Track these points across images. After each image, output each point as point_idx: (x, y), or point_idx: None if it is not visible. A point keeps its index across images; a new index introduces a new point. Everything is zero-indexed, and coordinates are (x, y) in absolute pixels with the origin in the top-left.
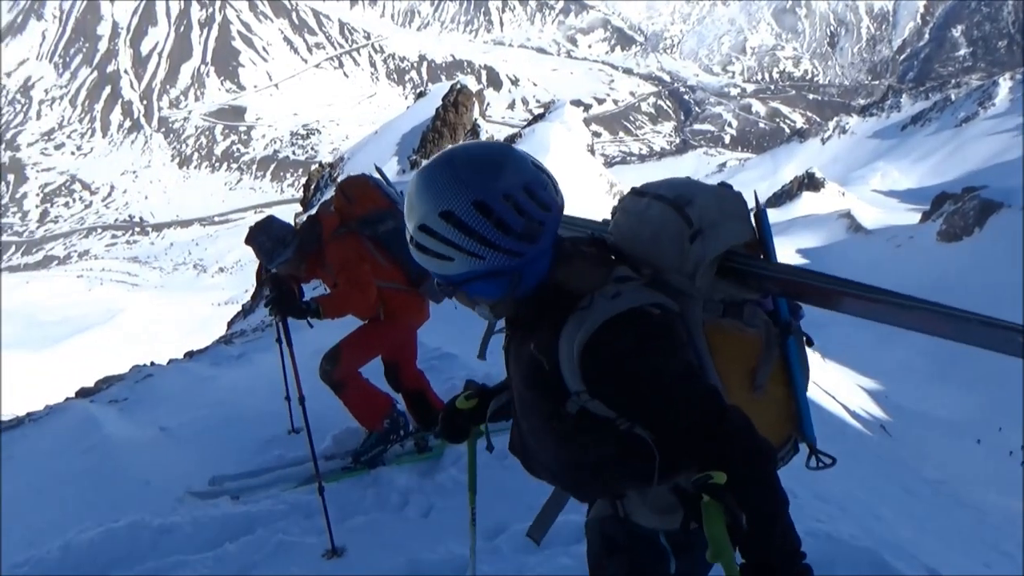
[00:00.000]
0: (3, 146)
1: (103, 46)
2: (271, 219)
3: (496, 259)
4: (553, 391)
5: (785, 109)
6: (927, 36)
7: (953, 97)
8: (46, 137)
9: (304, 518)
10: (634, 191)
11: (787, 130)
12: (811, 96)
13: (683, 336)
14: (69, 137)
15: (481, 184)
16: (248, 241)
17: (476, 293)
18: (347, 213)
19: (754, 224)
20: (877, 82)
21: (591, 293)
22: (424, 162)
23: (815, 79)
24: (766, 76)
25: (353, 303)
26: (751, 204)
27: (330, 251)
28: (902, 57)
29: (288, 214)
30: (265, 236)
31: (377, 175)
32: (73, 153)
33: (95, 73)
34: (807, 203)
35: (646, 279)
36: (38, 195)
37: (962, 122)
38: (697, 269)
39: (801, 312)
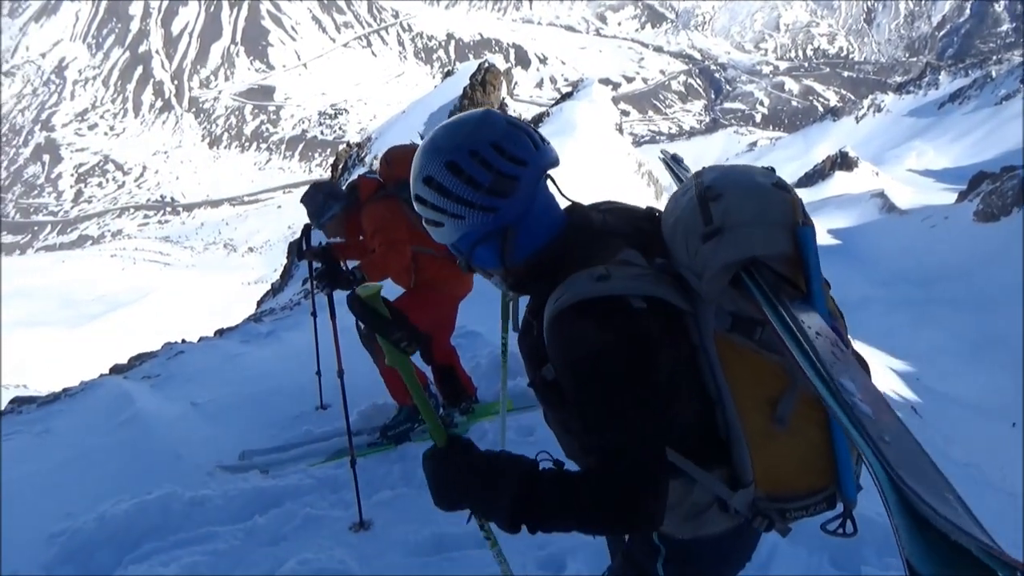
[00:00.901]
0: (38, 127)
1: (135, 26)
2: (319, 186)
3: (474, 217)
4: (537, 355)
5: (819, 87)
6: (968, 11)
7: (994, 74)
8: (80, 118)
9: (331, 492)
10: (695, 173)
11: (820, 108)
12: (846, 74)
13: (667, 340)
14: (102, 118)
15: (452, 145)
16: (303, 198)
17: (478, 262)
18: (387, 177)
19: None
20: (915, 59)
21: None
22: None
23: (850, 56)
24: (800, 53)
25: (391, 264)
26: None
27: (366, 214)
28: (941, 33)
29: None
30: (318, 191)
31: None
32: (106, 134)
33: (127, 53)
34: (840, 183)
35: (655, 268)
36: (72, 175)
37: (1003, 100)
38: (705, 272)
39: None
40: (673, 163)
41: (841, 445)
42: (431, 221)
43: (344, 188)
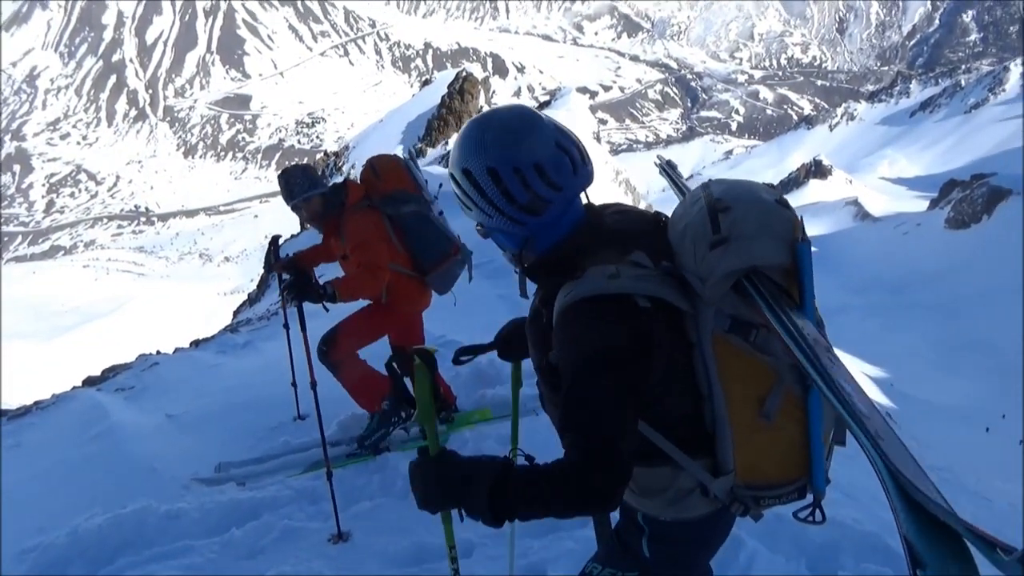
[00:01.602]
0: (9, 136)
1: (108, 35)
2: (297, 168)
3: (501, 222)
4: (544, 341)
5: (793, 96)
6: (937, 21)
7: (963, 83)
8: (51, 127)
9: (310, 504)
10: (702, 184)
11: (795, 117)
12: (819, 82)
13: (666, 338)
14: (75, 127)
15: (498, 153)
16: (282, 174)
17: (496, 241)
18: (373, 188)
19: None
20: (886, 68)
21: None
22: (430, 150)
23: (823, 65)
24: (774, 62)
25: (366, 288)
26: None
27: (351, 221)
28: (912, 43)
29: None
30: (299, 171)
31: (407, 157)
32: (79, 143)
33: (100, 63)
34: (814, 191)
35: (661, 270)
36: (44, 185)
37: (972, 108)
38: (709, 277)
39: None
40: (668, 169)
41: (816, 441)
42: (459, 197)
43: (333, 184)
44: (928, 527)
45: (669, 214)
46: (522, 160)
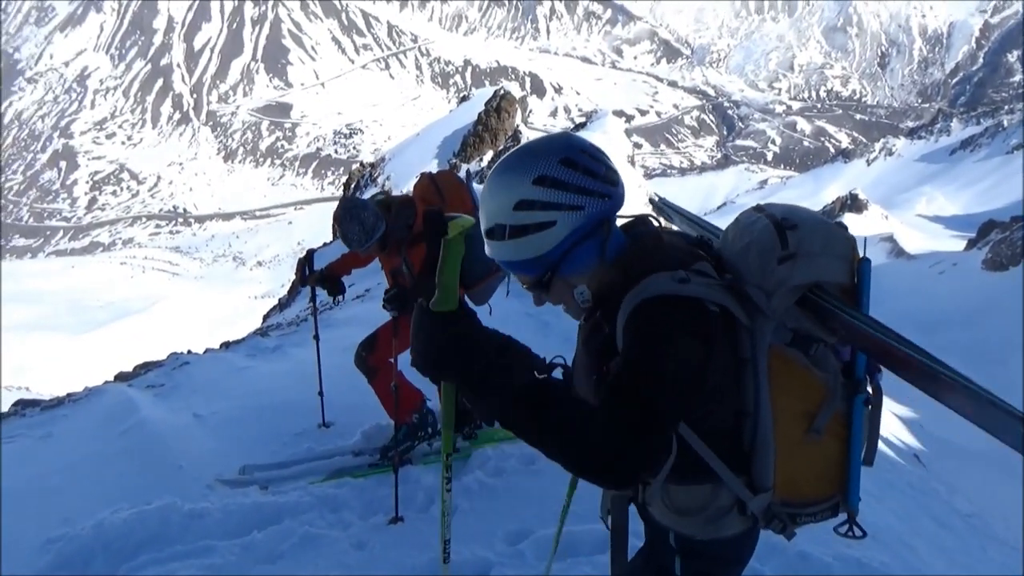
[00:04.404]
0: (57, 133)
1: (158, 40)
2: (363, 206)
3: (593, 204)
4: (604, 351)
5: (831, 128)
6: (981, 60)
7: (1006, 123)
8: (98, 126)
9: (330, 512)
10: (753, 207)
11: (832, 150)
12: (858, 116)
13: (725, 348)
14: (120, 127)
15: (559, 147)
16: (346, 220)
17: (573, 268)
18: (434, 203)
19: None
20: (927, 105)
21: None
22: (464, 166)
23: (863, 99)
24: (813, 94)
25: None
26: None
27: (417, 248)
28: (954, 81)
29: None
30: (358, 225)
31: (465, 175)
32: (123, 143)
33: (148, 66)
34: (849, 224)
35: (725, 282)
36: (87, 182)
37: (1014, 149)
38: (777, 290)
39: (880, 374)
40: (663, 204)
41: (856, 457)
42: (536, 226)
43: (396, 202)
44: None
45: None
46: (580, 143)
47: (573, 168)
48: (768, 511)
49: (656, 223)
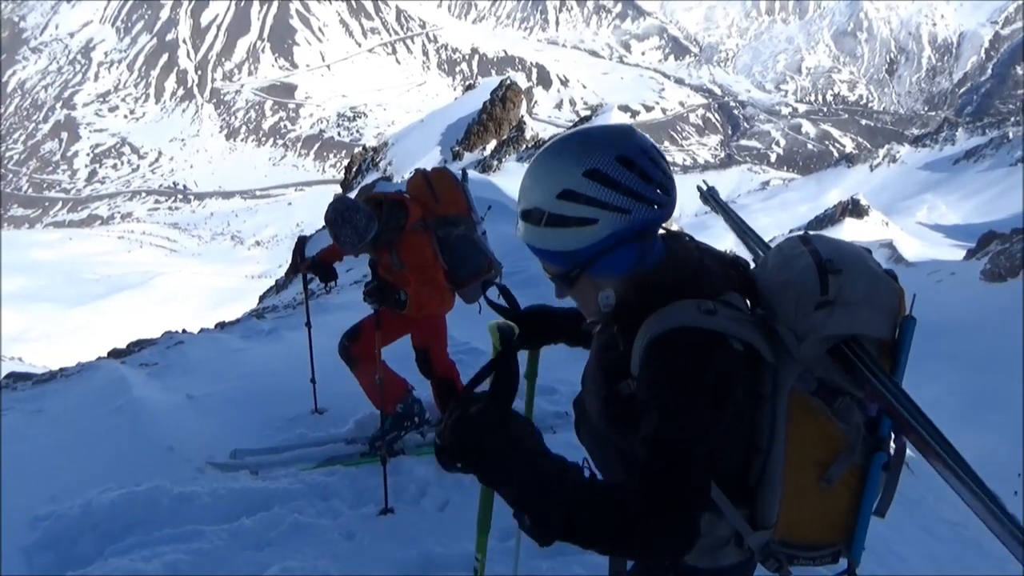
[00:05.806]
0: (60, 104)
1: (164, 14)
2: (355, 208)
3: (641, 211)
4: (616, 370)
5: (836, 132)
6: (990, 71)
7: (1011, 135)
8: (101, 99)
9: (321, 500)
10: (800, 237)
11: (835, 154)
12: (863, 122)
13: (745, 386)
14: (123, 100)
15: (620, 142)
16: (339, 222)
17: (605, 270)
18: (430, 210)
19: (896, 330)
20: (933, 113)
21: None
22: (467, 154)
23: (869, 105)
24: (819, 98)
25: (434, 303)
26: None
27: (408, 244)
28: (962, 90)
29: (328, 194)
30: (351, 228)
31: (461, 175)
32: (126, 117)
33: (154, 40)
34: (849, 229)
35: (756, 317)
36: (88, 155)
37: (1018, 161)
38: (808, 337)
39: (904, 438)
40: (711, 196)
41: (866, 511)
42: (576, 220)
43: (385, 197)
44: None
45: (709, 243)
46: (643, 142)
47: (629, 168)
48: (766, 548)
49: (693, 240)
